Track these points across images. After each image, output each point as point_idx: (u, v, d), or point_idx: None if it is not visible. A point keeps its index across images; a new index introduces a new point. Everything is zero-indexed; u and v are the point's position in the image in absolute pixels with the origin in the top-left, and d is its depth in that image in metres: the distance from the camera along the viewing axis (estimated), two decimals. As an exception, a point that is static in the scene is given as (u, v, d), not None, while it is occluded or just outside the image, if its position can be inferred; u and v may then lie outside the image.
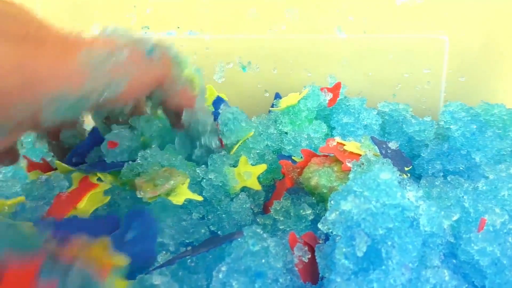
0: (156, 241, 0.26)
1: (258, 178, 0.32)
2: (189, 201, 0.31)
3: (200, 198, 0.29)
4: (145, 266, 0.25)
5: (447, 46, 0.41)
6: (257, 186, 0.32)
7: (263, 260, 0.23)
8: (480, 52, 0.41)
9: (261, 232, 0.24)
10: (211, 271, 0.24)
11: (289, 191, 0.31)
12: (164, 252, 0.26)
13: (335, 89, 0.39)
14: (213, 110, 0.38)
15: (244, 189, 0.32)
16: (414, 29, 0.42)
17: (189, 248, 0.25)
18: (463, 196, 0.28)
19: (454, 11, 0.40)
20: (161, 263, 0.24)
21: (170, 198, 0.28)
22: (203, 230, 0.28)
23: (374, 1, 0.42)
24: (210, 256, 0.26)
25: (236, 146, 0.33)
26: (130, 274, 0.23)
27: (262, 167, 0.32)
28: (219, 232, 0.30)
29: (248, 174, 0.32)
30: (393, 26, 0.42)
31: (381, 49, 0.44)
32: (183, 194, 0.28)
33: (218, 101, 0.38)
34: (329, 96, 0.38)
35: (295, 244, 0.26)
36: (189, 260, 0.25)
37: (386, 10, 0.42)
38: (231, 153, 0.33)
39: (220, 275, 0.23)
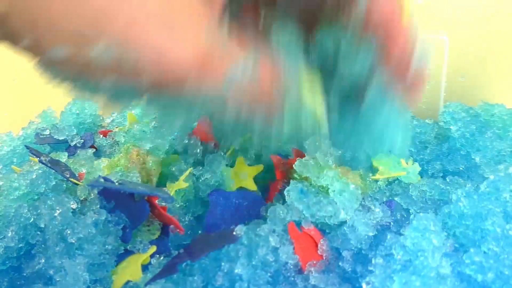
0: None
1: (256, 178, 0.33)
2: (187, 200, 0.31)
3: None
4: None
5: (447, 46, 0.40)
6: (253, 187, 0.32)
7: None
8: (480, 52, 0.41)
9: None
10: (208, 273, 0.24)
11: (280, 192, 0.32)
12: (157, 255, 0.26)
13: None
14: None
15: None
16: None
17: (181, 250, 0.25)
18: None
19: (454, 11, 0.40)
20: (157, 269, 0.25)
21: None
22: (200, 231, 0.28)
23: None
24: (206, 258, 0.26)
25: (233, 147, 0.34)
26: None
27: (258, 168, 0.32)
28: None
29: (244, 174, 0.32)
30: (392, 26, 0.42)
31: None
32: None
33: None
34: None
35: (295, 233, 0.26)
36: (184, 263, 0.25)
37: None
38: (227, 155, 0.33)
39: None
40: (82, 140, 0.39)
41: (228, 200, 0.28)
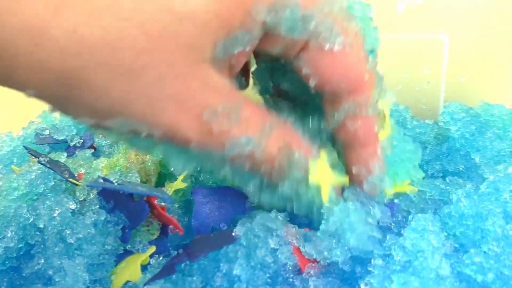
0: None
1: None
2: (186, 200, 0.31)
3: None
4: None
5: (447, 46, 0.40)
6: None
7: None
8: (480, 52, 0.41)
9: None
10: (206, 273, 0.24)
11: None
12: (156, 255, 0.26)
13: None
14: None
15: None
16: (414, 29, 0.42)
17: (180, 250, 0.25)
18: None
19: (454, 11, 0.40)
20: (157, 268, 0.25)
21: None
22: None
23: (374, 1, 0.42)
24: (205, 258, 0.26)
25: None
26: None
27: None
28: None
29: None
30: (393, 26, 0.42)
31: (381, 49, 0.44)
32: None
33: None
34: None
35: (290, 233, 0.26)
36: (183, 264, 0.25)
37: (385, 10, 0.42)
38: None
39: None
40: (82, 140, 0.39)
41: (210, 197, 0.29)
